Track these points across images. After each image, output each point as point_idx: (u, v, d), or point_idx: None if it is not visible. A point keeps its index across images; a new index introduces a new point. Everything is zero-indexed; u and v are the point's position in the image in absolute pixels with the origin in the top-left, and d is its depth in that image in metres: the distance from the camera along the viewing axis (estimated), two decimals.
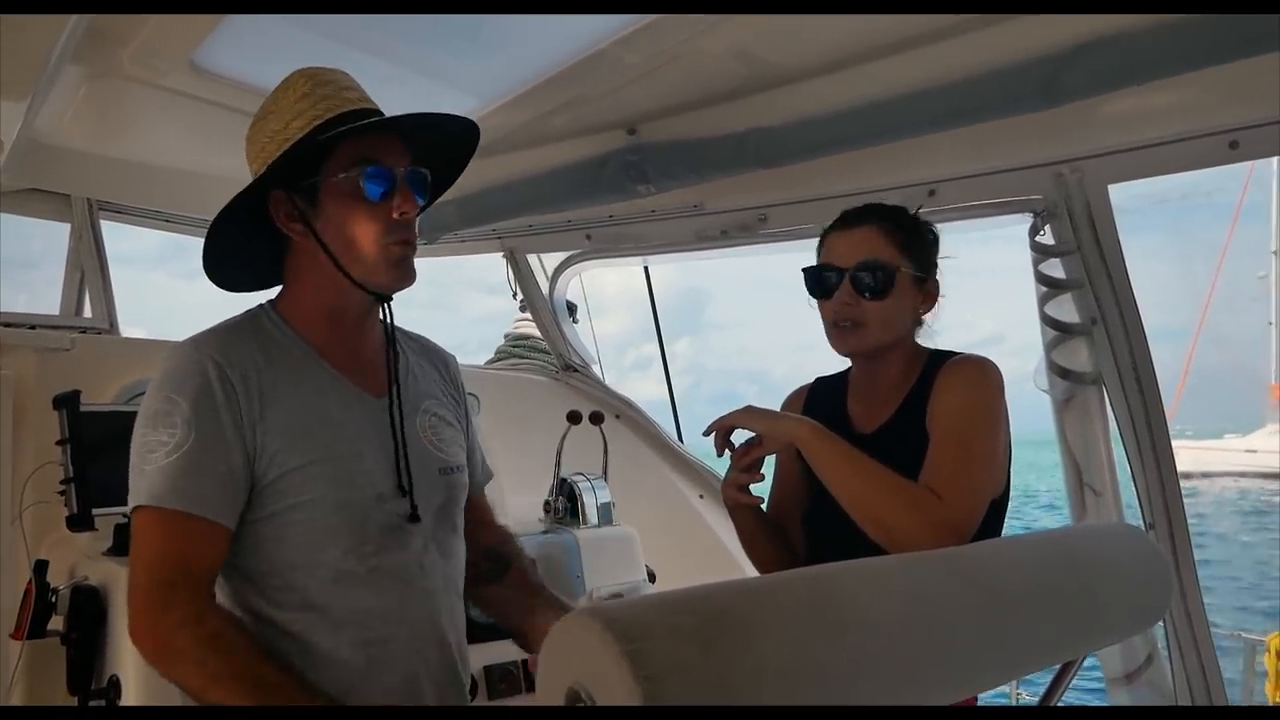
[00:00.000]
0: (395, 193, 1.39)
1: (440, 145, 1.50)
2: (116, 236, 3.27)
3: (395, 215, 1.38)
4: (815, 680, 0.89)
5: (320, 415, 1.40)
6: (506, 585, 1.67)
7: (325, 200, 1.38)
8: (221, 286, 1.51)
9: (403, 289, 1.46)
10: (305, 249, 1.41)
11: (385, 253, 1.40)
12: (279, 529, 1.36)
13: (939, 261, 1.73)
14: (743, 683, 0.82)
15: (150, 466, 1.30)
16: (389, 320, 1.49)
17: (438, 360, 1.65)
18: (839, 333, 1.66)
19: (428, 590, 1.45)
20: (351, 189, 1.37)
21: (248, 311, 1.47)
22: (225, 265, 1.48)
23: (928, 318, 1.73)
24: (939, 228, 1.77)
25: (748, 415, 1.61)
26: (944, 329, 1.75)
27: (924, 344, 1.73)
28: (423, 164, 1.44)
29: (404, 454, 1.44)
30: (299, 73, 1.43)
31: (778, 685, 0.84)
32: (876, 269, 1.62)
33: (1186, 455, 35.98)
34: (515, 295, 3.73)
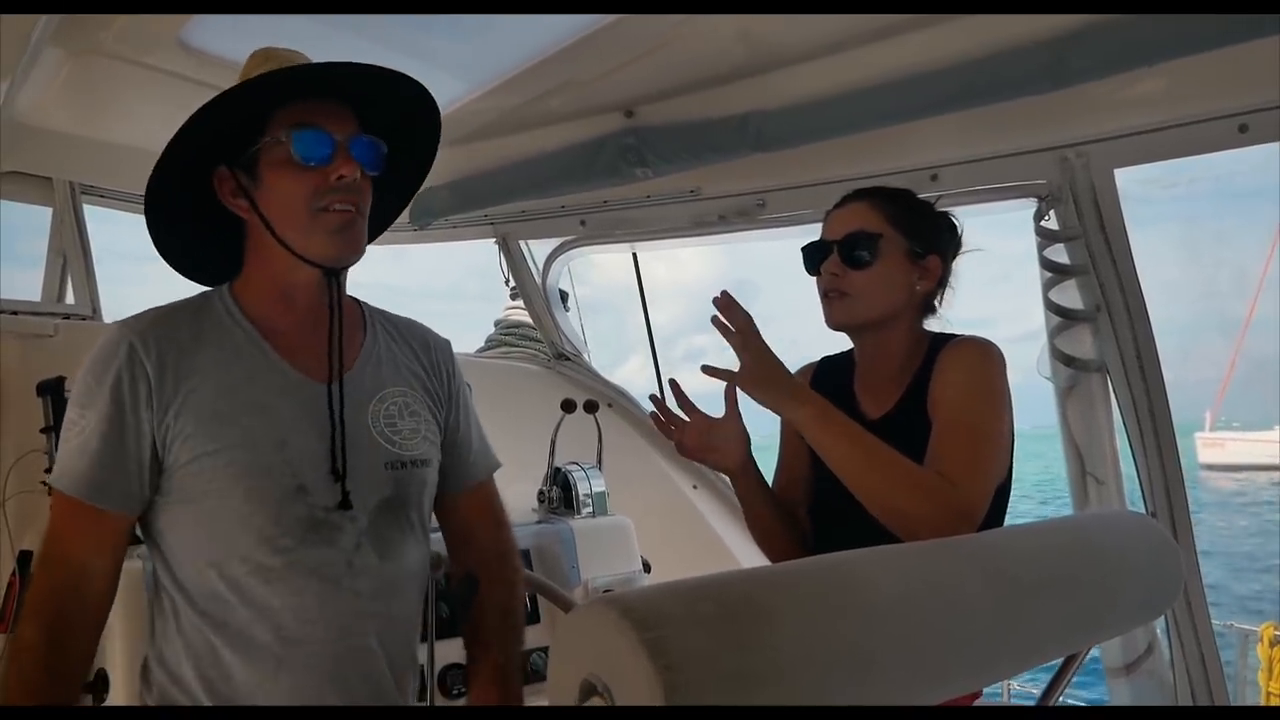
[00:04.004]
0: (335, 156, 1.33)
1: (396, 114, 1.44)
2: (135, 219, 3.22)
3: (333, 179, 1.32)
4: (834, 667, 0.87)
5: (244, 400, 1.34)
6: (469, 624, 1.57)
7: (263, 170, 1.34)
8: (202, 282, 1.48)
9: (347, 261, 1.40)
10: (252, 227, 1.38)
11: (320, 219, 1.34)
12: (191, 515, 1.33)
13: (959, 252, 1.72)
14: (762, 670, 0.79)
15: (62, 446, 1.33)
16: (336, 293, 1.42)
17: (418, 345, 1.56)
18: (828, 304, 1.67)
19: (356, 592, 1.36)
20: (286, 154, 1.32)
21: (202, 293, 1.44)
22: (204, 263, 1.47)
23: (942, 309, 1.71)
24: (960, 217, 1.75)
25: (753, 382, 1.50)
26: (1000, 318, 1.74)
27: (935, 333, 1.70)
28: (381, 136, 1.39)
29: (341, 441, 1.37)
30: (251, 53, 1.42)
31: (797, 672, 0.82)
32: (861, 238, 1.63)
33: (1234, 448, 36.10)
34: (507, 282, 3.69)
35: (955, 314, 1.73)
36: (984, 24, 2.03)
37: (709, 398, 1.66)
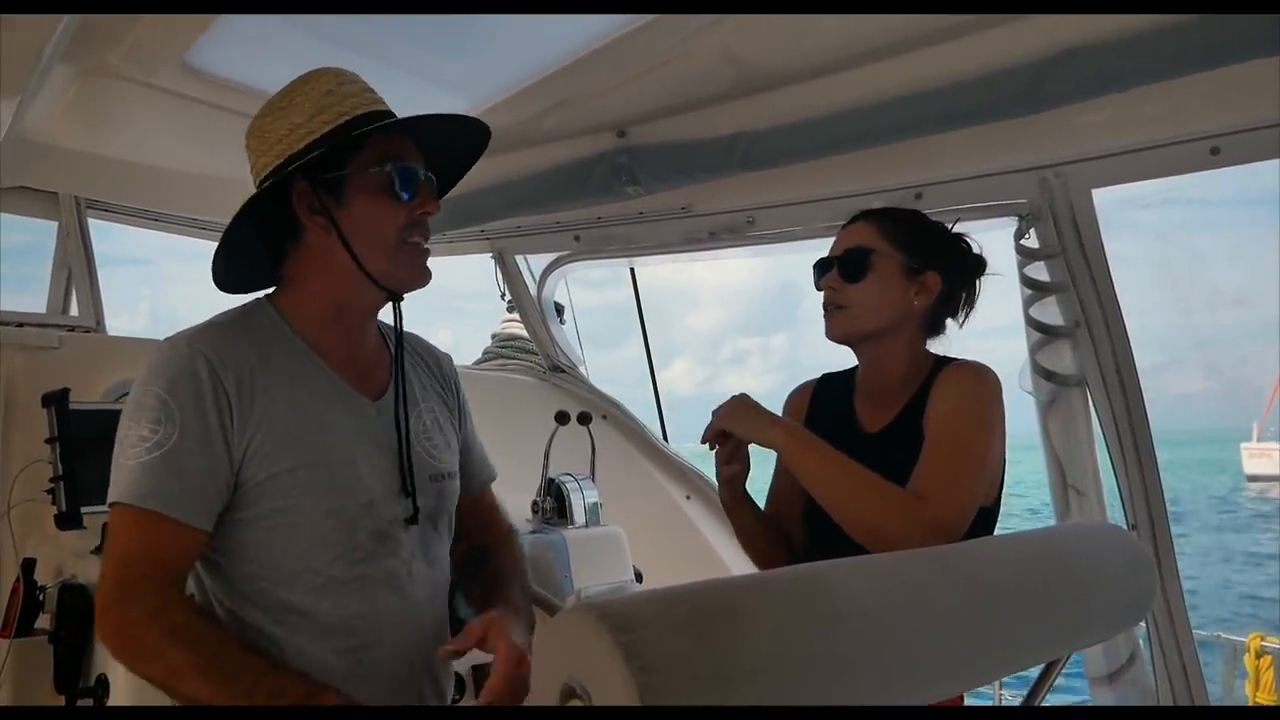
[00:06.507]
0: (419, 192, 1.40)
1: (452, 152, 1.51)
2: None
3: (418, 213, 1.40)
4: (808, 671, 0.89)
5: (314, 418, 1.37)
6: (482, 581, 1.62)
7: (352, 194, 1.37)
8: (225, 289, 1.48)
9: (417, 288, 1.46)
10: (318, 245, 1.39)
11: (408, 249, 1.40)
12: (265, 532, 1.34)
13: (980, 275, 1.76)
14: (736, 673, 0.82)
15: (130, 462, 1.27)
16: (399, 320, 1.48)
17: (430, 359, 1.62)
18: (827, 317, 1.73)
19: (415, 598, 1.43)
20: (381, 184, 1.37)
21: (244, 306, 1.44)
22: (227, 267, 1.47)
23: (952, 326, 1.75)
24: (978, 239, 1.79)
25: (730, 417, 1.62)
26: None
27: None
28: (430, 167, 1.45)
29: (408, 459, 1.44)
30: (322, 70, 1.41)
31: (770, 675, 0.84)
32: (857, 253, 1.69)
33: None
34: (503, 296, 3.73)
35: (1001, 316, 1.76)
36: (967, 48, 2.08)
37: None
